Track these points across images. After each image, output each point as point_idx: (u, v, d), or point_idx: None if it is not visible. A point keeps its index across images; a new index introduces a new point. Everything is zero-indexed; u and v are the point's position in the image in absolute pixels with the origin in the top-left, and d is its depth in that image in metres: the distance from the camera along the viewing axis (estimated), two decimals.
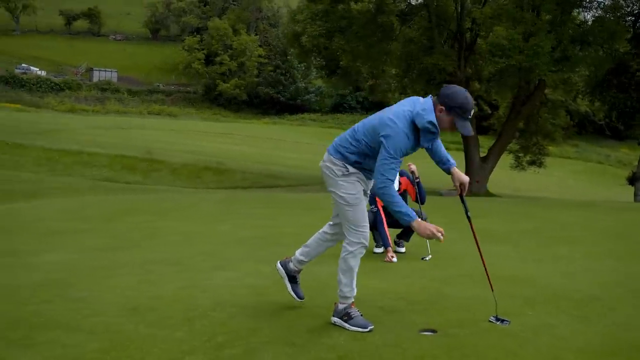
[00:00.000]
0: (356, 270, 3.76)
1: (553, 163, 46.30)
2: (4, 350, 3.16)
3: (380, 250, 6.59)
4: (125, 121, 48.63)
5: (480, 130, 43.77)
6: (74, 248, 6.58)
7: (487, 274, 4.04)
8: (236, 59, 69.03)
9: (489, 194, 22.65)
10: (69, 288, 4.58)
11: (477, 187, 22.37)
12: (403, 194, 6.62)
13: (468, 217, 3.99)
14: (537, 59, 17.76)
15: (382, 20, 19.54)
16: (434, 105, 3.49)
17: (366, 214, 3.72)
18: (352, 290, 3.74)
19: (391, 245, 6.25)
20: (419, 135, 3.50)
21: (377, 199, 6.50)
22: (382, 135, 3.43)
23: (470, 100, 3.48)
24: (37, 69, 66.15)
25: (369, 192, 3.86)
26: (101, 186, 17.89)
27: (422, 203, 6.61)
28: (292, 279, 4.09)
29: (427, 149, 3.85)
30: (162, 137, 38.63)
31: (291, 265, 4.08)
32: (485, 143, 31.07)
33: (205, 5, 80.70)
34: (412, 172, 6.61)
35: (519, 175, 29.61)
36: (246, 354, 3.12)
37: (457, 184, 3.82)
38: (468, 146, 23.38)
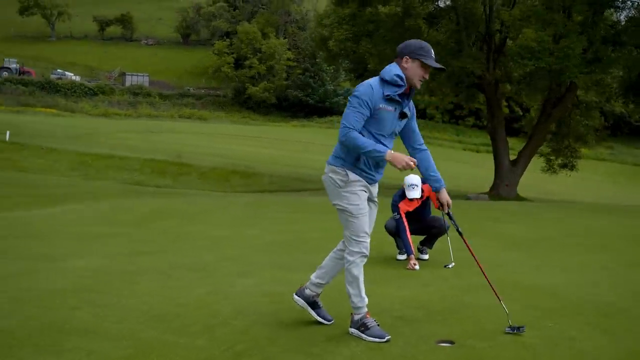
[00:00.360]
0: (361, 279, 3.74)
1: (587, 165, 45.42)
2: (32, 356, 3.29)
3: (403, 257, 6.55)
4: (156, 125, 49.41)
5: (511, 132, 43.25)
6: (104, 253, 6.75)
7: (490, 285, 4.11)
8: (265, 62, 69.46)
9: (519, 198, 22.36)
10: (97, 294, 4.72)
11: (507, 191, 22.10)
12: (425, 201, 6.61)
13: (460, 233, 4.30)
14: (567, 61, 17.49)
15: (409, 24, 19.47)
16: (397, 65, 3.60)
17: (368, 223, 3.72)
18: (362, 299, 3.74)
19: (414, 252, 6.25)
20: (389, 94, 3.54)
21: (399, 206, 6.53)
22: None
23: (428, 46, 3.62)
24: (72, 74, 67.64)
25: (375, 198, 3.85)
26: (132, 190, 18.25)
27: None
28: (314, 304, 4.00)
29: (401, 135, 3.86)
30: (192, 140, 39.14)
31: (307, 292, 4.02)
32: (516, 145, 30.69)
33: (234, 10, 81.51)
34: None
35: (551, 178, 29.12)
36: None
37: (441, 203, 4.04)
38: (497, 149, 23.13)
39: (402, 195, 6.47)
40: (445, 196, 3.96)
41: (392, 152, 3.53)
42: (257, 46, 70.25)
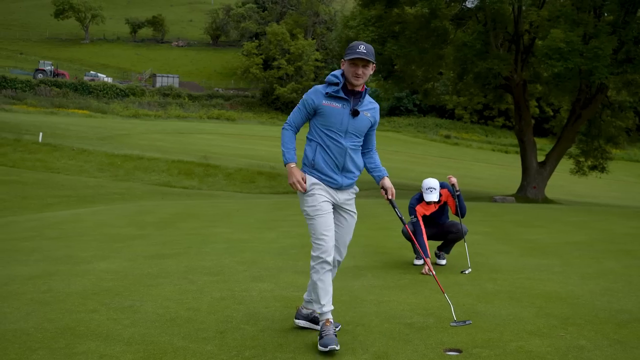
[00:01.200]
0: (322, 286, 3.64)
1: (619, 166, 44.46)
2: (48, 358, 3.39)
3: (420, 262, 6.52)
4: (185, 126, 50.06)
5: (541, 132, 42.59)
6: (126, 255, 6.90)
7: (435, 279, 4.39)
8: (293, 63, 69.76)
9: (546, 200, 22.02)
10: (115, 297, 4.83)
11: (534, 193, 21.80)
12: (443, 205, 6.57)
13: (401, 220, 4.33)
14: (597, 62, 17.16)
15: (435, 25, 19.35)
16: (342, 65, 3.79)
17: (327, 225, 3.66)
18: (321, 307, 3.64)
19: (430, 257, 6.20)
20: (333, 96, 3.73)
21: (416, 209, 6.51)
22: None
23: (357, 43, 3.74)
24: (104, 76, 69.01)
25: (347, 207, 3.88)
26: (159, 191, 18.55)
27: (462, 216, 6.52)
28: (315, 320, 3.95)
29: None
30: (219, 141, 39.53)
31: (304, 311, 4.00)
32: (546, 146, 30.22)
33: (263, 11, 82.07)
34: (453, 185, 6.50)
35: (581, 180, 28.63)
36: None
37: (383, 191, 4.06)
38: (525, 151, 22.83)
39: (420, 199, 6.45)
40: (388, 183, 4.02)
41: (293, 166, 3.73)
42: (286, 47, 70.61)
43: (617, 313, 4.43)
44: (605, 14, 19.25)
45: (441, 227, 6.58)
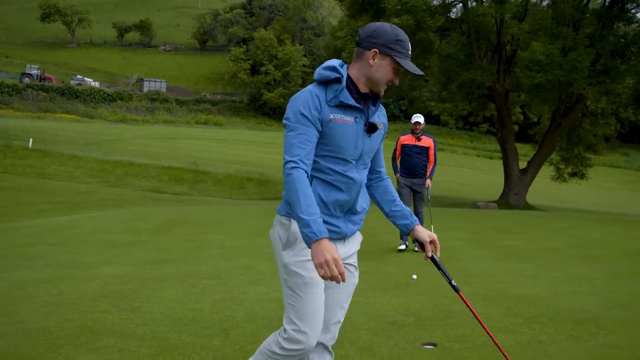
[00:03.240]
0: None
1: (601, 172, 45.45)
2: (72, 352, 3.84)
3: (403, 247, 8.13)
4: (173, 131, 50.31)
5: (526, 138, 43.43)
6: (128, 261, 7.32)
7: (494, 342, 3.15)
8: (281, 68, 70.27)
9: (528, 207, 22.69)
10: (124, 299, 5.27)
11: (516, 200, 22.45)
12: (425, 149, 8.39)
13: (454, 287, 2.86)
14: (575, 74, 17.86)
15: (420, 37, 19.97)
16: (360, 55, 2.54)
17: (320, 309, 2.54)
18: None
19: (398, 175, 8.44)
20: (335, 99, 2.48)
21: (399, 138, 8.52)
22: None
23: (407, 39, 2.57)
24: (91, 80, 69.00)
25: (351, 260, 2.72)
26: (150, 197, 18.91)
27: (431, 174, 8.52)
28: None
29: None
30: (207, 147, 39.90)
31: None
32: (530, 152, 30.90)
33: (251, 16, 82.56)
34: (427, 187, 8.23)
35: (563, 186, 29.37)
36: None
37: (427, 243, 2.68)
38: (507, 158, 23.49)
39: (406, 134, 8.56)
40: (424, 234, 2.67)
41: (325, 241, 2.27)
42: (273, 52, 71.11)
43: (576, 312, 4.97)
44: (583, 28, 19.99)
45: (418, 173, 8.34)
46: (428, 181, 8.38)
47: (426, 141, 8.25)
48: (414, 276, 6.40)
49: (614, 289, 5.92)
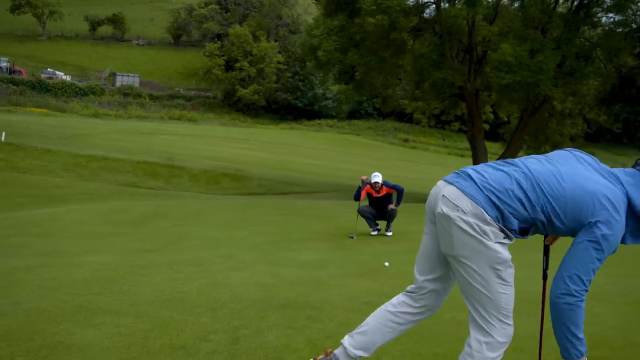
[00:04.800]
0: None
1: None
2: (74, 328, 4.15)
3: (375, 233, 9.26)
4: (146, 126, 50.08)
5: (496, 137, 44.43)
6: (112, 250, 7.61)
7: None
8: (256, 65, 70.39)
9: None
10: (114, 283, 5.58)
11: None
12: (386, 196, 9.33)
13: (544, 275, 3.14)
14: (542, 75, 18.56)
15: (394, 37, 20.48)
16: None
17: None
18: None
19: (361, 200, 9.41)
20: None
21: (365, 187, 9.38)
22: (597, 222, 2.40)
23: None
24: (63, 74, 68.09)
25: None
26: (126, 191, 19.04)
27: (398, 204, 9.51)
28: None
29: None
30: (181, 142, 39.90)
31: None
32: (500, 150, 31.75)
33: (226, 12, 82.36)
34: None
35: None
36: (256, 334, 4.08)
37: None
38: (477, 156, 24.16)
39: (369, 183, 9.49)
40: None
41: None
42: (248, 49, 71.17)
43: (530, 294, 5.43)
44: (551, 31, 20.73)
45: (384, 211, 9.45)
46: (391, 205, 9.45)
47: (384, 191, 9.38)
48: (386, 264, 6.83)
49: None
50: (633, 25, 22.29)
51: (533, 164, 2.59)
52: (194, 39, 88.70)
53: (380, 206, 9.47)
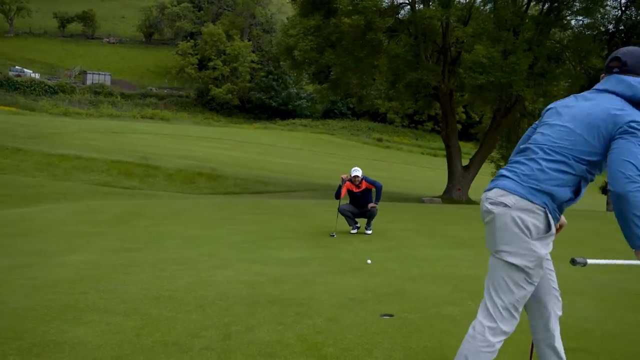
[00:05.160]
0: None
1: None
2: (64, 326, 4.15)
3: (355, 231, 9.38)
4: (118, 125, 49.44)
5: (468, 137, 45.21)
6: (93, 250, 7.56)
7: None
8: (229, 64, 70.05)
9: (470, 202, 23.77)
10: (99, 282, 5.57)
11: (459, 195, 23.49)
12: (366, 191, 9.45)
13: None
14: (514, 76, 18.93)
15: (370, 37, 20.65)
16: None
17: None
18: None
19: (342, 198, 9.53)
20: None
21: (346, 182, 9.51)
22: (622, 126, 2.53)
23: None
24: (31, 72, 66.74)
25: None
26: (100, 191, 18.81)
27: (377, 201, 9.60)
28: None
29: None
30: (156, 142, 39.51)
31: None
32: (472, 150, 32.24)
33: (199, 11, 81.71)
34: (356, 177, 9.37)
35: None
36: (247, 330, 4.13)
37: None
38: (451, 155, 24.51)
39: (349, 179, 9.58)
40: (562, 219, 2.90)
41: None
42: (222, 48, 70.78)
43: None
44: (522, 33, 21.16)
45: (364, 209, 9.54)
46: (371, 204, 9.53)
47: (364, 185, 9.50)
48: (369, 261, 6.94)
49: None
50: (601, 28, 22.90)
51: (538, 138, 2.76)
52: (166, 38, 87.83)
53: (360, 203, 9.54)
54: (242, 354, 3.64)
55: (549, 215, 2.59)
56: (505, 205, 2.62)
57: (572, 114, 2.70)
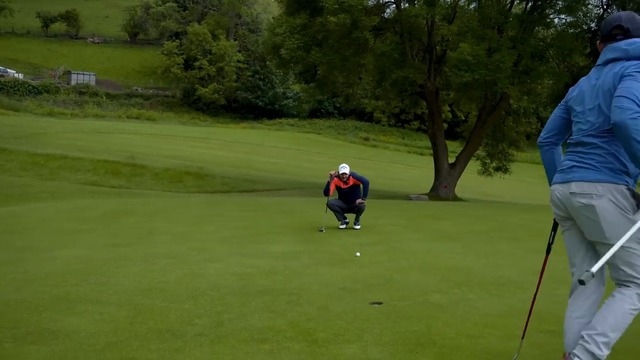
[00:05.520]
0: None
1: (523, 168, 48.05)
2: (57, 316, 4.19)
3: (343, 227, 9.48)
4: (104, 125, 49.11)
5: (454, 135, 45.41)
6: (83, 245, 7.57)
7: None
8: (215, 64, 69.80)
9: (457, 199, 23.96)
10: (90, 275, 5.60)
11: (446, 192, 23.68)
12: (353, 187, 9.54)
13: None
14: (499, 73, 19.13)
15: (356, 35, 20.76)
16: None
17: None
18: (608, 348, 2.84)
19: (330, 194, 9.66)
20: None
21: (334, 179, 9.62)
22: (626, 70, 2.76)
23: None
24: (14, 72, 66.06)
25: None
26: (87, 190, 18.72)
27: (365, 197, 9.67)
28: None
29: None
30: (141, 141, 39.31)
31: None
32: (458, 149, 32.44)
33: (184, 10, 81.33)
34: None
35: (488, 181, 31.05)
36: (239, 318, 4.20)
37: None
38: (437, 153, 24.68)
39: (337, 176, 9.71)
40: None
41: None
42: (207, 47, 70.51)
43: (499, 278, 5.74)
44: (507, 31, 21.38)
45: (352, 204, 9.66)
46: (359, 200, 9.64)
47: (352, 181, 9.65)
48: (358, 254, 7.03)
49: (530, 260, 6.77)
50: (584, 26, 23.19)
51: (582, 127, 2.93)
52: (152, 37, 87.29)
53: (348, 198, 9.69)
54: (235, 340, 3.71)
55: (634, 190, 2.74)
56: (598, 195, 2.76)
57: (591, 95, 2.89)
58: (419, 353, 3.49)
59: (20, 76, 65.00)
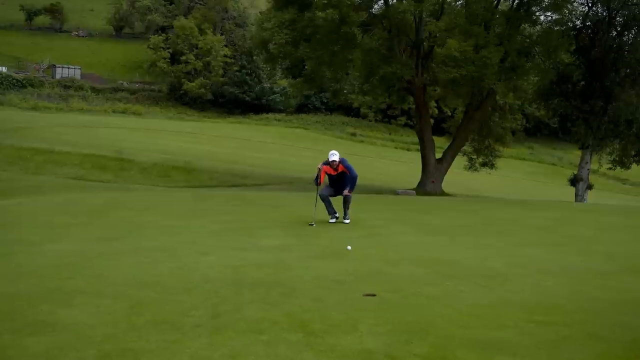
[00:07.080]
0: None
1: (509, 164, 48.44)
2: (54, 308, 4.23)
3: (333, 221, 9.54)
4: (90, 120, 48.71)
5: (440, 131, 45.62)
6: (74, 239, 7.58)
7: None
8: (202, 58, 69.38)
9: (444, 194, 24.15)
10: (84, 268, 5.64)
11: (432, 187, 23.85)
12: (342, 174, 9.62)
13: None
14: (486, 70, 19.30)
15: (344, 30, 20.80)
16: None
17: None
18: None
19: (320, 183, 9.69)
20: None
21: (323, 167, 9.57)
22: None
23: None
24: None
25: None
26: (75, 185, 18.60)
27: (352, 189, 9.71)
28: None
29: None
30: (128, 135, 39.06)
31: None
32: (444, 144, 32.64)
33: (170, 4, 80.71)
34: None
35: (475, 176, 31.31)
36: (235, 309, 4.27)
37: None
38: (424, 148, 24.84)
39: (326, 163, 9.70)
40: None
41: None
42: (194, 42, 70.02)
43: (487, 270, 5.86)
44: (493, 28, 21.55)
45: (340, 191, 9.73)
46: (346, 191, 9.74)
47: (341, 168, 9.78)
48: (349, 247, 7.12)
49: (515, 253, 6.91)
50: (569, 23, 23.43)
51: None
52: (137, 31, 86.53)
53: (337, 185, 9.87)
54: (233, 331, 3.78)
55: None
56: None
57: None
58: (414, 343, 3.59)
59: (4, 69, 64.19)
